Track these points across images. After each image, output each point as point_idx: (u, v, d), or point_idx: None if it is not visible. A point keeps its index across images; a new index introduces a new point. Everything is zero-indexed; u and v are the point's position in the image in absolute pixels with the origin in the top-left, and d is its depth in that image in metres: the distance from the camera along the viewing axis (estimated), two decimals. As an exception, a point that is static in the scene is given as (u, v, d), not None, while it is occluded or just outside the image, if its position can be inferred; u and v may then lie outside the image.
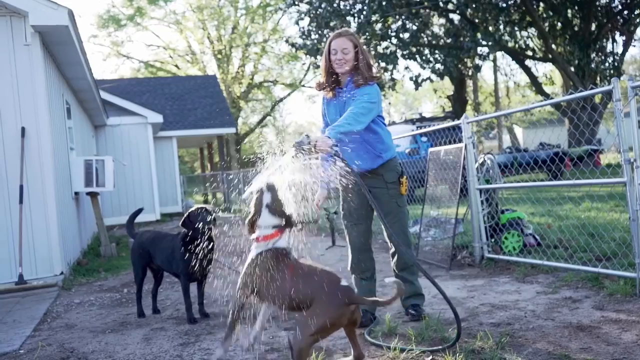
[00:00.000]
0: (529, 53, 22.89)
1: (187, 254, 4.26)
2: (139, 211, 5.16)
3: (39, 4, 6.33)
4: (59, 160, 7.33)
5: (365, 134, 3.74)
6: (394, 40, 20.84)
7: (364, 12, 19.25)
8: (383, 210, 3.87)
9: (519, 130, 41.43)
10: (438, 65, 21.29)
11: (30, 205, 6.39)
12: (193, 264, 4.28)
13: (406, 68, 23.29)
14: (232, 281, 5.94)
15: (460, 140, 5.99)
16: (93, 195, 9.11)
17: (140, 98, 19.97)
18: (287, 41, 23.31)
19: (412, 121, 16.70)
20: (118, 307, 5.13)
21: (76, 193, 8.67)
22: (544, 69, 39.94)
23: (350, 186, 3.93)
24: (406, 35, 20.63)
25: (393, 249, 3.99)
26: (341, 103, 3.79)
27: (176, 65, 40.66)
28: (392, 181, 3.87)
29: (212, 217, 4.28)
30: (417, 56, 21.49)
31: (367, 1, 19.13)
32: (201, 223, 4.20)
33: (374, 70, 3.77)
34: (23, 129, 6.37)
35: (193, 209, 4.33)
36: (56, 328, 4.47)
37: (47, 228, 6.43)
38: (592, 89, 4.55)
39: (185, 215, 4.31)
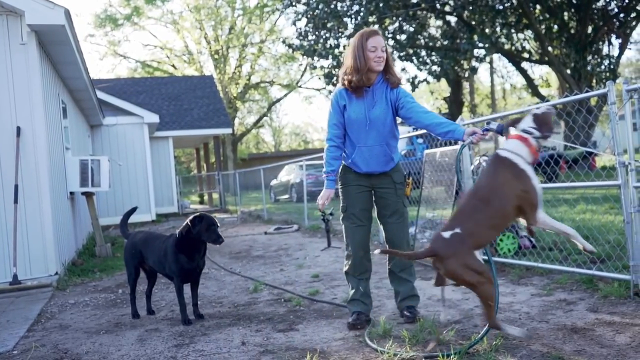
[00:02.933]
0: (526, 55, 22.94)
1: (181, 256, 4.25)
2: (133, 210, 5.15)
3: (36, 3, 6.32)
4: (55, 160, 7.31)
5: (389, 138, 3.82)
6: (391, 42, 20.85)
7: (361, 14, 19.26)
8: (390, 210, 3.89)
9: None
10: (435, 67, 21.32)
11: (25, 205, 6.37)
12: (186, 265, 4.27)
13: (403, 69, 23.32)
14: (234, 280, 5.94)
15: (456, 142, 6.00)
16: (88, 195, 9.09)
17: (137, 98, 19.95)
18: (284, 42, 23.32)
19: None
20: (112, 308, 5.12)
21: (71, 193, 8.65)
22: (540, 71, 40.15)
23: (353, 188, 3.92)
24: (403, 36, 20.65)
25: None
26: (370, 101, 3.78)
27: (173, 65, 40.63)
28: (400, 182, 3.93)
29: (221, 239, 4.21)
30: (413, 58, 21.53)
31: (364, 3, 19.14)
32: (208, 236, 4.18)
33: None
34: (18, 129, 6.35)
35: (207, 216, 4.25)
36: (50, 329, 4.46)
37: (41, 228, 6.41)
38: (587, 91, 4.56)
39: (197, 216, 4.24)
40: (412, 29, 20.65)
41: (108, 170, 8.98)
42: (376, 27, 4.36)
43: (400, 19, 20.17)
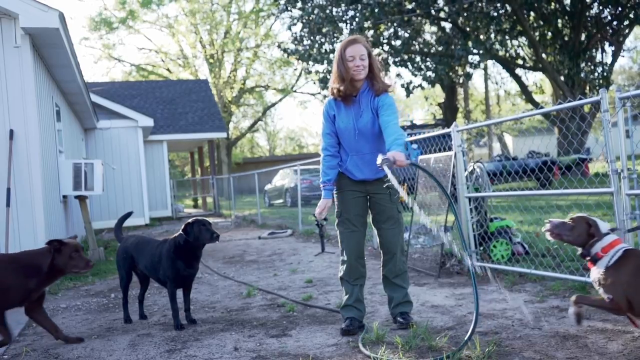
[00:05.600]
0: (520, 62, 23.05)
1: (178, 262, 4.24)
2: (128, 215, 5.13)
3: (30, 6, 6.31)
4: (48, 163, 7.28)
5: (380, 145, 3.81)
6: (386, 47, 20.91)
7: (357, 19, 19.31)
8: (385, 215, 3.90)
9: (509, 139, 41.69)
10: (429, 73, 21.38)
11: (18, 209, 6.33)
12: (183, 272, 4.26)
13: (398, 75, 23.42)
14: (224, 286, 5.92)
15: (450, 148, 6.02)
16: (82, 198, 9.05)
17: (131, 101, 19.91)
18: (279, 46, 23.33)
19: (402, 128, 16.75)
20: (105, 312, 5.09)
21: (64, 196, 8.61)
22: (534, 78, 40.23)
23: (348, 194, 3.92)
24: (398, 42, 20.71)
25: (387, 256, 3.98)
26: (357, 110, 3.80)
27: (168, 69, 40.60)
28: (394, 188, 3.91)
29: (216, 235, 4.22)
30: (408, 63, 21.58)
31: (359, 8, 19.19)
32: (204, 237, 4.17)
33: (384, 76, 3.84)
34: (11, 131, 6.32)
35: (198, 219, 4.27)
36: (41, 333, 4.43)
37: (34, 231, 6.38)
38: (581, 99, 4.59)
39: (188, 223, 4.24)
40: (407, 35, 20.71)
41: (101, 174, 8.95)
42: (357, 35, 4.27)
43: (395, 24, 20.23)
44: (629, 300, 2.93)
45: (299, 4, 20.95)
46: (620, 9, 19.83)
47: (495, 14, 20.33)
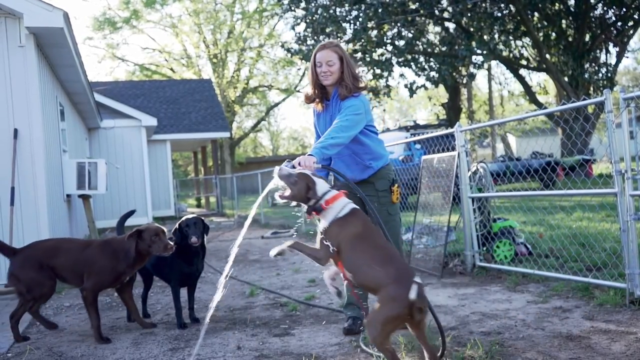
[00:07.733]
0: (523, 62, 23.00)
1: (179, 261, 4.25)
2: (131, 213, 5.15)
3: (34, 5, 6.32)
4: (52, 162, 7.30)
5: (352, 146, 3.74)
6: (389, 48, 20.89)
7: (360, 19, 19.29)
8: (375, 217, 3.89)
9: (512, 139, 41.62)
10: (433, 73, 21.35)
11: (21, 207, 6.35)
12: (185, 269, 4.27)
13: (401, 75, 23.38)
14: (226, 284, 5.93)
15: (453, 149, 6.02)
16: (85, 197, 9.07)
17: (135, 101, 19.95)
18: (282, 46, 23.33)
19: (406, 128, 16.75)
20: (108, 311, 5.10)
21: (68, 195, 8.63)
22: (537, 79, 40.22)
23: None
24: (401, 42, 20.68)
25: None
26: (329, 115, 3.81)
27: (171, 69, 40.65)
28: (383, 189, 3.88)
29: (204, 229, 4.26)
30: (412, 63, 21.55)
31: (363, 8, 19.19)
32: (192, 234, 4.19)
33: (360, 80, 3.75)
34: (16, 131, 6.34)
35: (185, 218, 4.31)
36: (45, 331, 4.44)
37: (38, 230, 6.39)
38: (584, 99, 4.58)
39: (176, 225, 4.29)
40: (410, 35, 20.68)
41: (105, 173, 8.97)
42: (331, 40, 4.21)
43: (399, 24, 20.21)
44: (339, 251, 3.04)
45: (303, 4, 20.95)
46: (624, 9, 19.80)
47: (499, 14, 20.30)
